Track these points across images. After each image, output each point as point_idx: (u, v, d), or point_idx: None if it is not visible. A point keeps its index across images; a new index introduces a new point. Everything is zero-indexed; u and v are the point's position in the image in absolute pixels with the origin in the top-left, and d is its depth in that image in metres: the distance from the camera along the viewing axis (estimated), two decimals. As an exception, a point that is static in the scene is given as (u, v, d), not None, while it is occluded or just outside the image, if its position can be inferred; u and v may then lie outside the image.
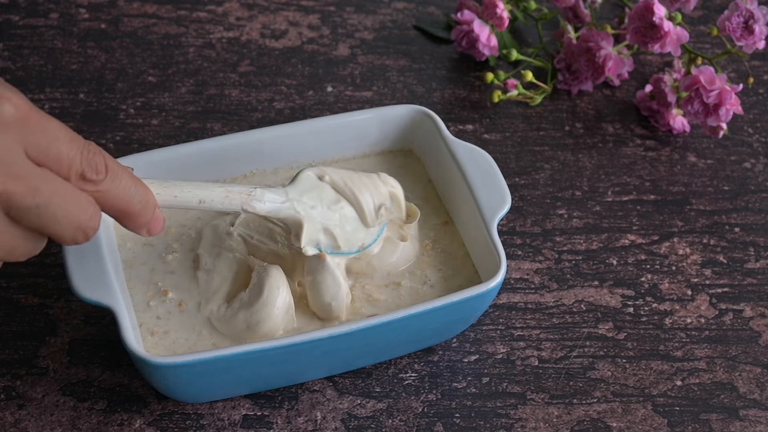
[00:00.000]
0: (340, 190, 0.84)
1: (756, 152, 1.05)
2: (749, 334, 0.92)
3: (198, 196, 0.78)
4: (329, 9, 1.16)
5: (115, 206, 0.71)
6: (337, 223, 0.83)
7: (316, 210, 0.82)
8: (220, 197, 0.79)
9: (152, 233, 0.75)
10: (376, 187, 0.85)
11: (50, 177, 0.67)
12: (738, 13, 1.01)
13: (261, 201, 0.80)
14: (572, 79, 1.08)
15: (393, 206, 0.87)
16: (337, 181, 0.84)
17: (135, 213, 0.72)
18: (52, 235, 0.68)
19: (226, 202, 0.79)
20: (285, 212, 0.81)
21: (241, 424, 0.85)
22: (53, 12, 1.14)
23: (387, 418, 0.85)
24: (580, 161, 1.03)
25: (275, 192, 0.81)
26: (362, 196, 0.84)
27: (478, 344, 0.90)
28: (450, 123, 1.06)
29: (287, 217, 0.82)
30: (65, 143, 0.67)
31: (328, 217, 0.83)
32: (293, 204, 0.81)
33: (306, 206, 0.82)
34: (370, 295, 0.87)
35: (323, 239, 0.83)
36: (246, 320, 0.83)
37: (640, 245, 0.97)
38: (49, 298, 0.91)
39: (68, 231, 0.68)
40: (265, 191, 0.80)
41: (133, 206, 0.72)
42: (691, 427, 0.86)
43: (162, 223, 0.75)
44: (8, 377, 0.87)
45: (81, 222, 0.68)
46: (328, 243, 0.83)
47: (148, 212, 0.73)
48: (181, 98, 1.07)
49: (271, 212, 0.81)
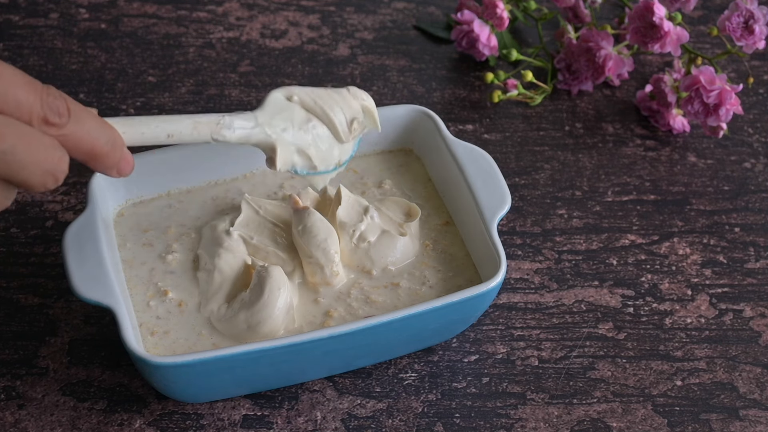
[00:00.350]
0: (310, 109, 0.82)
1: (756, 152, 1.05)
2: (749, 334, 0.92)
3: (166, 131, 0.76)
4: (329, 9, 1.16)
5: (81, 148, 0.69)
6: (310, 143, 0.82)
7: (288, 132, 0.81)
8: (188, 129, 0.77)
9: (122, 173, 0.73)
10: (346, 101, 0.84)
11: (12, 122, 0.66)
12: (738, 13, 1.01)
13: (230, 129, 0.78)
14: (572, 79, 1.08)
15: (366, 119, 0.85)
16: (306, 100, 0.82)
17: (103, 154, 0.70)
18: (20, 183, 0.67)
19: (195, 134, 0.77)
20: (256, 137, 0.80)
21: (241, 424, 0.85)
22: (53, 12, 1.14)
23: (387, 418, 0.85)
24: (580, 161, 1.03)
25: (244, 118, 0.79)
26: (333, 112, 0.82)
27: (478, 344, 0.90)
28: (450, 123, 1.06)
29: (259, 142, 0.80)
30: (22, 87, 0.66)
31: (301, 137, 0.81)
32: (264, 128, 0.80)
33: (277, 129, 0.80)
34: (369, 296, 0.87)
35: (298, 160, 0.82)
36: (247, 321, 0.83)
37: (640, 245, 0.97)
38: (49, 298, 0.91)
39: (36, 176, 0.67)
40: (234, 118, 0.79)
41: (100, 147, 0.70)
42: (691, 427, 0.86)
43: (131, 163, 0.73)
44: (8, 377, 0.87)
45: (49, 165, 0.67)
46: (304, 164, 0.82)
47: (117, 152, 0.72)
48: (181, 98, 1.07)
49: (241, 139, 0.79)
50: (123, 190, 0.90)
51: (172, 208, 0.91)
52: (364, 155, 0.95)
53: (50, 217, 0.96)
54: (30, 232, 0.95)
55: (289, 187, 0.93)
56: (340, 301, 0.86)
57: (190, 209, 0.91)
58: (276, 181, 0.93)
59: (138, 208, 0.91)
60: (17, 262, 0.93)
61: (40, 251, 0.94)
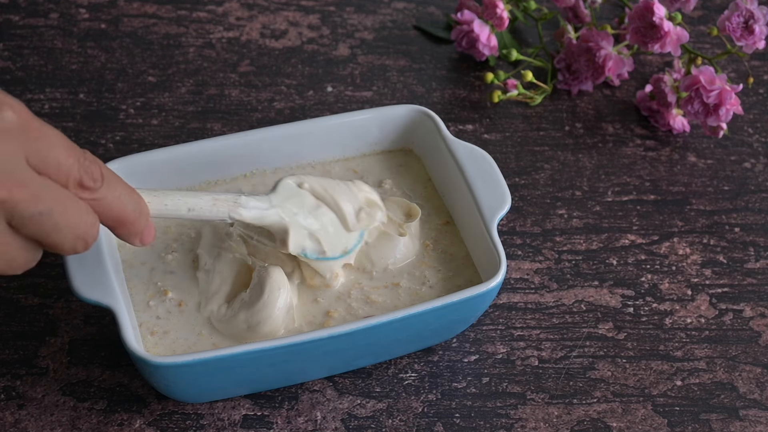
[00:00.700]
0: (320, 197, 0.84)
1: (756, 152, 1.05)
2: (749, 334, 0.92)
3: (187, 204, 0.79)
4: (329, 9, 1.16)
5: (111, 214, 0.71)
6: (320, 228, 0.84)
7: (299, 216, 0.83)
8: (207, 205, 0.80)
9: (145, 243, 0.75)
10: (352, 193, 0.86)
11: (51, 185, 0.67)
12: (738, 13, 1.01)
13: (246, 208, 0.81)
14: (572, 79, 1.08)
15: (373, 210, 0.87)
16: (316, 188, 0.84)
17: (130, 221, 0.72)
18: (52, 245, 0.68)
19: (214, 210, 0.80)
20: (270, 218, 0.82)
21: (241, 424, 0.85)
22: (53, 12, 1.14)
23: (387, 418, 0.85)
24: (580, 161, 1.03)
25: (259, 199, 0.82)
26: (342, 201, 0.85)
27: (478, 344, 0.90)
28: (450, 123, 1.05)
29: (273, 224, 0.82)
30: (63, 151, 0.67)
31: (311, 222, 0.84)
32: (278, 211, 0.82)
33: (290, 212, 0.83)
34: (369, 296, 0.87)
35: (309, 244, 0.84)
36: (247, 321, 0.83)
37: (640, 245, 0.97)
38: (49, 298, 0.91)
39: (69, 239, 0.68)
40: (250, 199, 0.81)
41: (128, 214, 0.72)
42: (691, 427, 0.86)
43: (154, 233, 0.75)
44: (8, 377, 0.87)
45: (81, 230, 0.68)
46: (314, 248, 0.84)
47: (142, 220, 0.73)
48: (181, 98, 1.07)
49: (256, 219, 0.81)
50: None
51: (171, 208, 0.91)
52: (364, 155, 0.95)
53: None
54: (30, 232, 0.95)
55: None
56: (340, 301, 0.86)
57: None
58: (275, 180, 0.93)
59: (138, 208, 0.91)
60: (17, 262, 0.93)
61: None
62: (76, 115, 1.05)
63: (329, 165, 0.95)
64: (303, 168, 0.94)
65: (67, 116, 1.04)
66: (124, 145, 1.02)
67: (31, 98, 1.06)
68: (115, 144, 1.02)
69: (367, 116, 0.94)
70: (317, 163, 0.94)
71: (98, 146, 1.02)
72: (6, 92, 0.67)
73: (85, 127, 1.04)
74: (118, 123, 1.04)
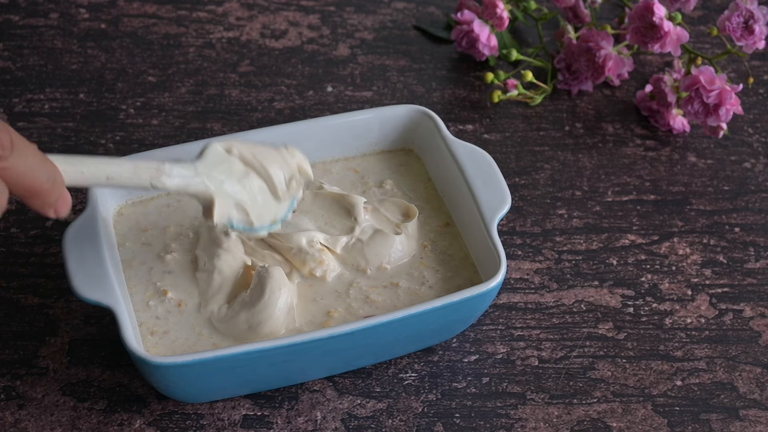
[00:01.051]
0: (249, 163, 0.81)
1: (756, 152, 1.05)
2: (749, 334, 0.92)
3: (105, 172, 0.75)
4: (329, 9, 1.16)
5: (22, 184, 0.68)
6: (248, 197, 0.81)
7: (227, 184, 0.80)
8: (128, 173, 0.76)
9: (60, 214, 0.71)
10: (284, 159, 0.83)
11: None
12: (738, 13, 1.01)
13: (170, 176, 0.77)
14: (572, 79, 1.08)
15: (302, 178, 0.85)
16: (245, 154, 0.81)
17: (44, 191, 0.69)
18: None
19: (135, 178, 0.76)
20: (195, 187, 0.79)
21: (241, 424, 0.85)
22: (53, 12, 1.14)
23: (387, 418, 0.85)
24: (580, 161, 1.03)
25: (184, 167, 0.78)
26: (272, 169, 0.82)
27: (478, 344, 0.90)
28: (450, 123, 1.05)
29: (198, 193, 0.79)
30: None
31: (239, 191, 0.81)
32: (203, 179, 0.79)
33: (216, 180, 0.80)
34: (368, 296, 0.87)
35: (235, 214, 0.81)
36: (247, 321, 0.83)
37: (640, 245, 0.97)
38: (49, 298, 0.91)
39: None
40: (174, 166, 0.78)
41: (41, 184, 0.69)
42: (691, 427, 0.86)
43: (69, 203, 0.72)
44: (8, 377, 0.87)
45: None
46: (240, 218, 0.81)
47: (56, 190, 0.70)
48: (181, 98, 1.07)
49: (180, 187, 0.78)
50: (123, 189, 0.90)
51: (170, 207, 0.91)
52: (364, 155, 0.95)
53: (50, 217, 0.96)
54: (30, 232, 0.95)
55: (289, 187, 0.93)
56: (340, 301, 0.86)
57: (188, 209, 0.91)
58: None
59: (137, 207, 0.91)
60: (17, 262, 0.93)
61: (40, 251, 0.94)
62: (76, 115, 1.05)
63: (329, 165, 0.95)
64: (303, 168, 0.94)
65: (67, 116, 1.04)
66: (124, 145, 1.02)
67: (31, 98, 1.06)
68: (115, 144, 1.02)
69: (367, 116, 0.94)
70: (317, 163, 0.94)
71: (98, 146, 1.02)
72: None
73: (85, 127, 1.04)
74: (118, 123, 1.04)
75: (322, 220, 0.90)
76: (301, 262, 0.87)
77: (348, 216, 0.90)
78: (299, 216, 0.89)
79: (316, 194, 0.91)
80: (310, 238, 0.87)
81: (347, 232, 0.89)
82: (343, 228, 0.89)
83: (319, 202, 0.90)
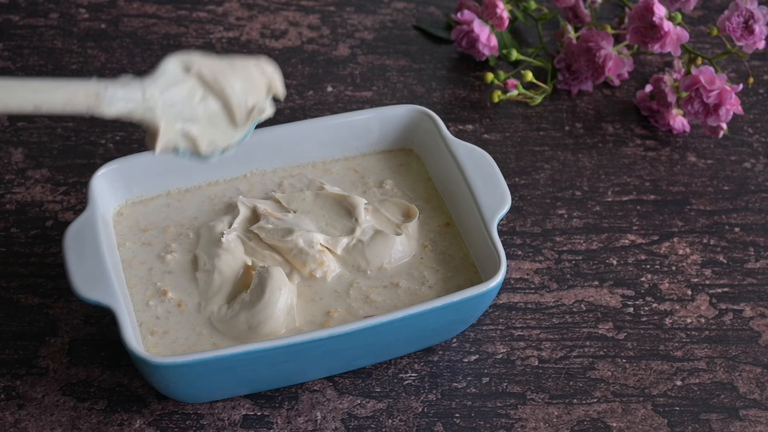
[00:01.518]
0: (208, 83, 0.74)
1: (756, 152, 1.05)
2: (749, 334, 0.92)
3: (33, 102, 0.68)
4: (329, 9, 1.16)
5: None
6: (199, 121, 0.75)
7: (176, 108, 0.73)
8: (60, 102, 0.69)
9: None
10: (252, 80, 0.76)
11: None
12: (738, 13, 1.01)
13: (111, 103, 0.70)
14: (572, 79, 1.08)
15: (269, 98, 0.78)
16: (204, 72, 0.74)
17: None
18: None
19: (68, 107, 0.69)
20: (139, 114, 0.72)
21: (241, 424, 0.85)
22: (53, 12, 1.14)
23: (387, 418, 0.85)
24: (580, 161, 1.03)
25: (130, 89, 0.71)
26: (233, 91, 0.75)
27: (478, 344, 0.90)
28: (450, 123, 1.05)
29: (142, 120, 0.72)
30: None
31: (190, 114, 0.74)
32: (149, 103, 0.72)
33: (165, 105, 0.73)
34: (368, 296, 0.87)
35: (182, 142, 0.75)
36: (248, 321, 0.83)
37: (640, 245, 0.97)
38: (49, 298, 0.91)
39: None
40: (117, 90, 0.70)
41: None
42: (691, 427, 0.86)
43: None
44: (8, 377, 0.87)
45: None
46: (187, 146, 0.75)
47: None
48: (181, 98, 1.07)
49: (122, 115, 0.71)
50: (123, 189, 0.90)
51: (170, 207, 0.91)
52: (364, 155, 0.95)
53: (50, 217, 0.96)
54: (30, 232, 0.95)
55: (289, 186, 0.93)
56: (340, 301, 0.86)
57: (188, 209, 0.91)
58: (275, 180, 0.93)
59: (137, 207, 0.91)
60: (17, 262, 0.93)
61: (40, 251, 0.94)
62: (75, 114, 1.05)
63: (329, 165, 0.95)
64: (303, 167, 0.94)
65: (67, 116, 1.04)
66: (124, 145, 1.02)
67: (31, 98, 1.06)
68: (115, 144, 1.02)
69: (368, 116, 0.94)
70: (317, 163, 0.94)
71: (98, 146, 1.02)
72: None
73: (85, 127, 1.04)
74: (118, 123, 1.04)
75: (323, 220, 0.90)
76: (302, 262, 0.87)
77: (349, 217, 0.90)
78: (300, 216, 0.89)
79: (317, 195, 0.91)
80: (310, 239, 0.87)
81: (348, 233, 0.89)
82: (344, 229, 0.89)
83: (320, 202, 0.91)
